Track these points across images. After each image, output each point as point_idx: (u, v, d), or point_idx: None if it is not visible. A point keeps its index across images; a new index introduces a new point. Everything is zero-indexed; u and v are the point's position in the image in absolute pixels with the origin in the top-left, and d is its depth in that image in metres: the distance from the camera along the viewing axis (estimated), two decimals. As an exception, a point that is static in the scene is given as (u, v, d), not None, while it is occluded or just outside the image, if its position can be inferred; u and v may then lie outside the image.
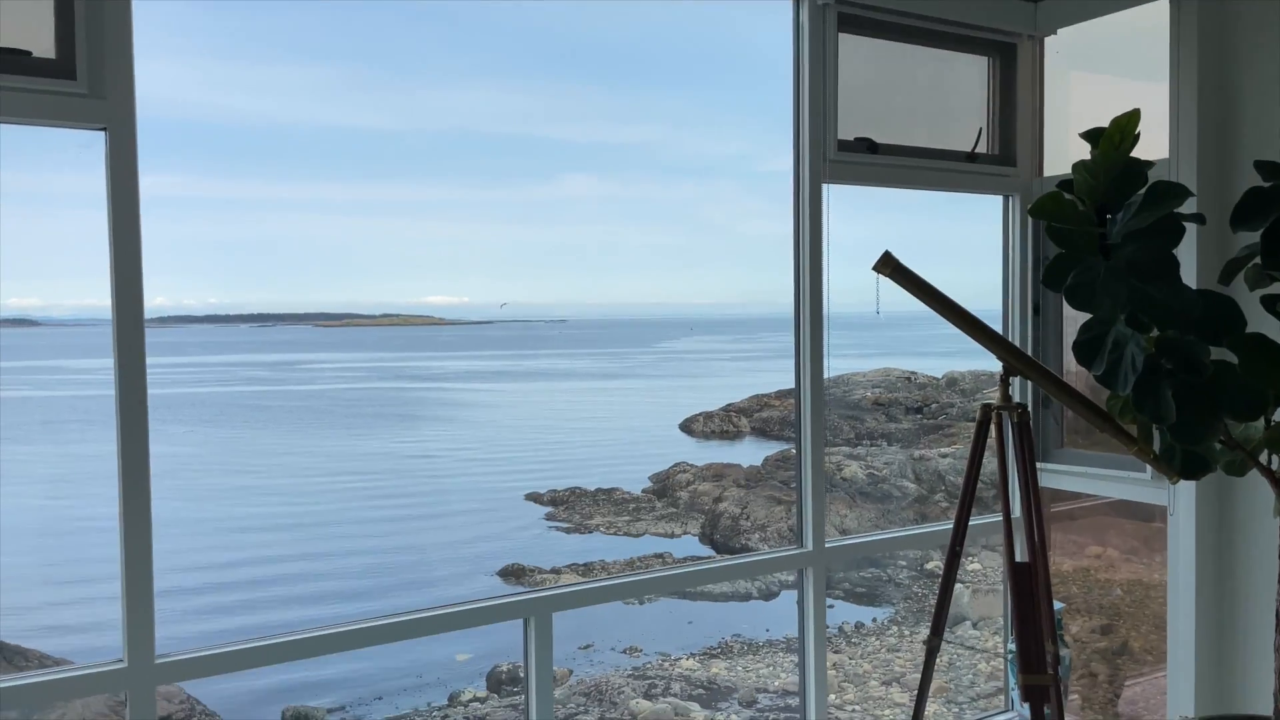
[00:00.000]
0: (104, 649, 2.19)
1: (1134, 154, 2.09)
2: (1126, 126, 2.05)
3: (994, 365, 2.69)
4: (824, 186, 3.02)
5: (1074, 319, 3.43)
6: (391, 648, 9.31)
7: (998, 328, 3.01)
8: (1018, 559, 2.70)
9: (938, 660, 2.98)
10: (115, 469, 2.16)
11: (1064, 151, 3.39)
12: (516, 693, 8.94)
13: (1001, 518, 2.64)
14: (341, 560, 12.75)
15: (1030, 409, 3.06)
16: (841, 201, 3.10)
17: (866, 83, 3.16)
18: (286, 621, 9.15)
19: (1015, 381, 3.05)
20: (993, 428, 2.75)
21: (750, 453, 17.01)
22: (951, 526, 2.94)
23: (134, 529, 2.14)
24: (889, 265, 2.61)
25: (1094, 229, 2.07)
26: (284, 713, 8.57)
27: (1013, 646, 3.37)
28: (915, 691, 3.11)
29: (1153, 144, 2.58)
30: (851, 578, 11.62)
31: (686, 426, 19.39)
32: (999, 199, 3.56)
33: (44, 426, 19.32)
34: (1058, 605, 3.37)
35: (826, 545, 3.17)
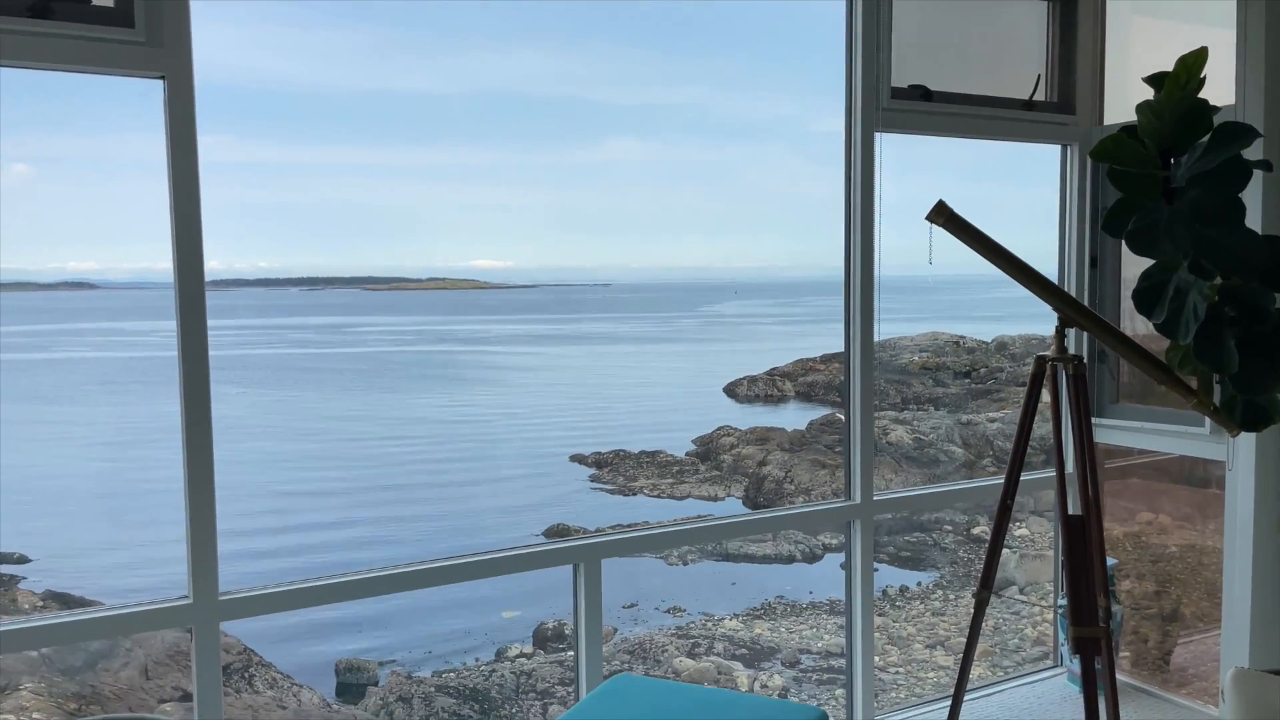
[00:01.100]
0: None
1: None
2: (1194, 65, 2.00)
3: (1045, 329, 2.65)
4: (876, 136, 2.97)
5: (1131, 277, 3.36)
6: (440, 609, 9.43)
7: (1053, 282, 2.96)
8: (1071, 512, 2.67)
9: (984, 624, 2.97)
10: (175, 424, 2.22)
11: (1125, 100, 3.30)
12: (562, 649, 9.08)
13: (1055, 471, 2.62)
14: (394, 526, 12.93)
15: (1085, 362, 3.01)
16: (888, 163, 3.05)
17: (921, 28, 3.10)
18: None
19: (1070, 334, 3.00)
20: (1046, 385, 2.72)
21: (794, 417, 16.94)
22: (1003, 481, 2.92)
23: (197, 469, 2.20)
24: (943, 214, 2.58)
25: (1157, 172, 2.02)
26: (337, 665, 8.80)
27: (1063, 601, 3.35)
28: (959, 655, 3.11)
29: (1218, 91, 2.51)
30: (896, 542, 11.58)
31: (730, 390, 19.34)
32: (1056, 151, 3.48)
33: (103, 386, 19.82)
34: (1110, 561, 3.34)
35: (875, 498, 3.16)
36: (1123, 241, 3.36)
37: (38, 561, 10.94)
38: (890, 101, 2.99)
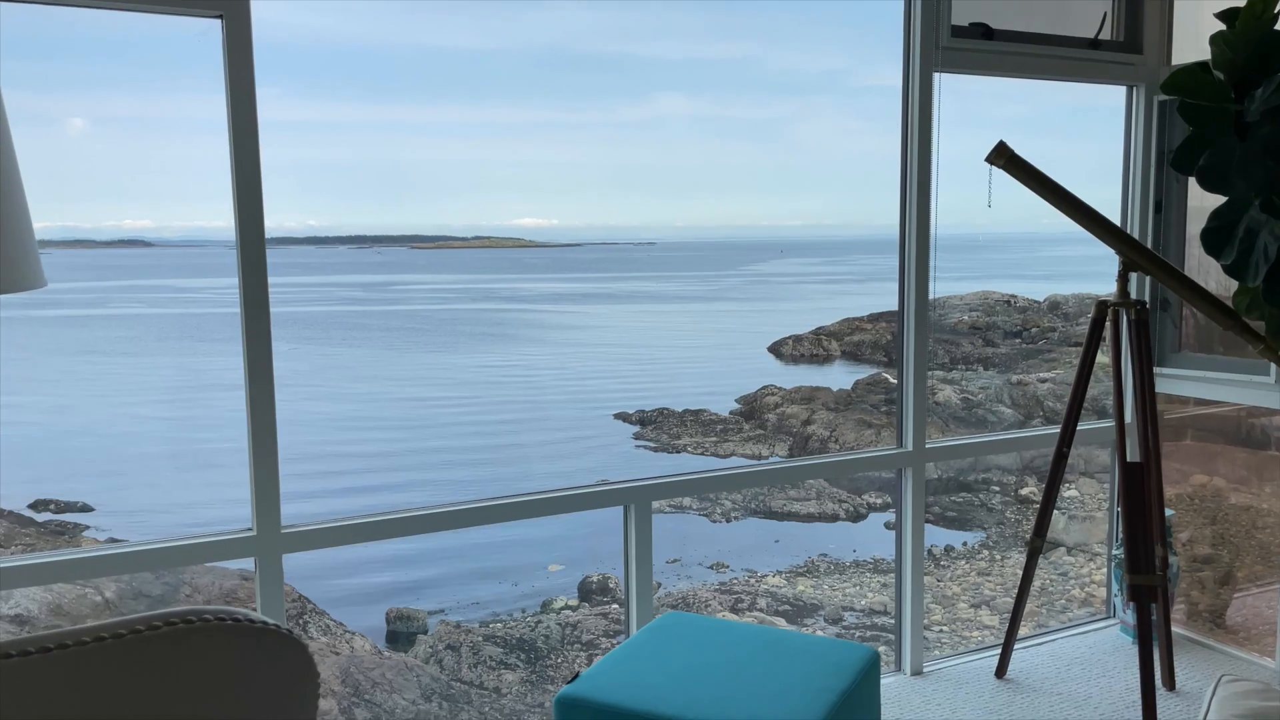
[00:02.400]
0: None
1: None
2: (1273, -7, 1.92)
3: (1100, 288, 2.60)
4: (936, 77, 2.91)
5: (1194, 232, 3.27)
6: (487, 563, 9.54)
7: (1115, 226, 2.88)
8: (1130, 459, 2.63)
9: (1031, 586, 2.95)
10: (233, 380, 2.26)
11: (1195, 39, 3.20)
12: (606, 602, 9.20)
13: (1114, 417, 2.58)
14: (444, 490, 13.08)
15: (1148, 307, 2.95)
16: (941, 119, 2.97)
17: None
18: (397, 551, 9.58)
19: (1133, 280, 2.94)
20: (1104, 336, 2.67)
21: (840, 376, 16.84)
22: (1059, 430, 2.88)
23: (259, 408, 2.25)
24: (1003, 156, 2.53)
25: (1230, 105, 1.96)
26: (388, 614, 9.01)
27: (1118, 551, 3.32)
28: (1005, 615, 3.10)
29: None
30: (942, 501, 11.51)
31: (775, 349, 19.25)
32: (1120, 97, 3.38)
33: (159, 343, 20.25)
34: (1168, 513, 3.29)
35: (927, 446, 3.14)
36: (1188, 189, 3.27)
37: (100, 510, 11.28)
38: (950, 40, 2.92)
